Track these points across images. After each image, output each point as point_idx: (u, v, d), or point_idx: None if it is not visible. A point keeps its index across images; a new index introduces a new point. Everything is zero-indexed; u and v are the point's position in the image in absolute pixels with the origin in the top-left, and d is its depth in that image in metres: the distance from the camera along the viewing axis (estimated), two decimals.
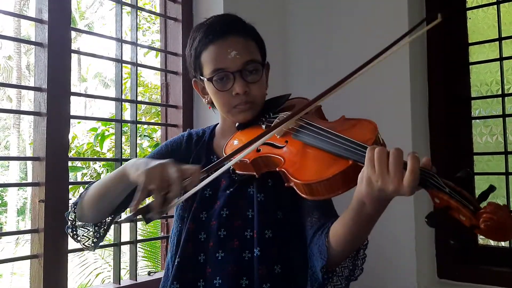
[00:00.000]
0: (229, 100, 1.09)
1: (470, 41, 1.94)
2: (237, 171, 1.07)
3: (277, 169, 0.96)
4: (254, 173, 1.03)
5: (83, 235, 1.09)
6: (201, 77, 1.12)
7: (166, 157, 1.17)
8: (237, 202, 1.08)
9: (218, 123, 1.24)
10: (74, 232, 1.09)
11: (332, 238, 0.90)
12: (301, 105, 1.04)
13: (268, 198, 1.06)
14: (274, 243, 1.03)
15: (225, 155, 1.05)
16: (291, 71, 2.16)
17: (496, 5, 1.89)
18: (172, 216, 1.52)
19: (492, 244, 1.91)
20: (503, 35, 1.86)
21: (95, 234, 1.09)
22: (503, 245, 1.90)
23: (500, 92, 1.89)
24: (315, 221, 1.00)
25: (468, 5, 1.96)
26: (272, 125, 1.02)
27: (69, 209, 1.10)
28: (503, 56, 1.86)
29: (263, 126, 1.09)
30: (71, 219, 1.09)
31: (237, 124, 1.13)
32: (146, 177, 0.85)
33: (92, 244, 1.10)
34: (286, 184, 0.94)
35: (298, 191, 0.91)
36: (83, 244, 1.10)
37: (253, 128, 1.11)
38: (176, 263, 1.07)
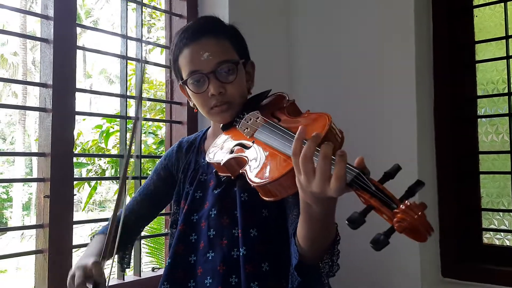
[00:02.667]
0: (206, 101, 1.10)
1: (476, 39, 1.92)
2: (219, 173, 1.06)
3: (240, 171, 0.94)
4: (230, 174, 1.01)
5: None
6: (181, 81, 1.15)
7: (162, 172, 1.28)
8: (224, 202, 1.08)
9: (210, 126, 1.26)
10: None
11: (298, 237, 0.89)
12: (277, 100, 1.05)
13: (252, 197, 1.05)
14: (260, 241, 1.03)
15: (208, 156, 1.07)
16: (296, 71, 2.15)
17: (503, 3, 1.87)
18: (169, 214, 1.52)
19: (497, 243, 1.90)
20: (510, 33, 1.84)
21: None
22: (508, 244, 1.89)
23: (506, 91, 1.87)
24: (294, 218, 0.98)
25: (475, 2, 1.94)
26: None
27: None
28: (510, 54, 1.84)
29: (237, 126, 1.07)
30: None
31: (221, 125, 1.13)
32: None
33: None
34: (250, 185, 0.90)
35: (258, 192, 0.88)
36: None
37: (234, 128, 1.09)
38: (167, 264, 1.09)
